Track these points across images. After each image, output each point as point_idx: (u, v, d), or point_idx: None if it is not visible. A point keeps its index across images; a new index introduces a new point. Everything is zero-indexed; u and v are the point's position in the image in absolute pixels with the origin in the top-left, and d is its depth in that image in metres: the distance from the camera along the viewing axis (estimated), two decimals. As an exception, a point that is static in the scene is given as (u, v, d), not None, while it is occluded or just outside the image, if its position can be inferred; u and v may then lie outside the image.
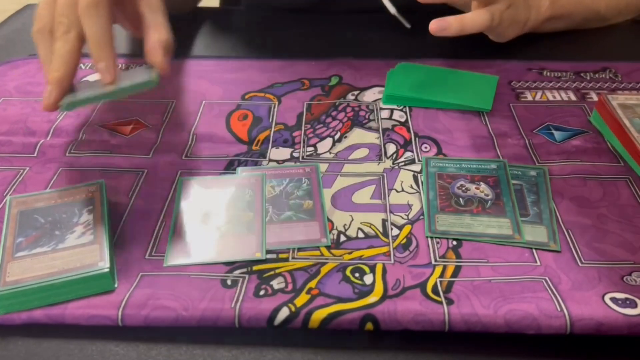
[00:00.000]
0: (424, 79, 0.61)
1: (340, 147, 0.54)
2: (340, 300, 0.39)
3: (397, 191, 0.49)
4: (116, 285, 0.40)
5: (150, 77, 0.46)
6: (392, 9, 0.71)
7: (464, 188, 0.48)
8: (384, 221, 0.46)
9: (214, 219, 0.46)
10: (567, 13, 0.69)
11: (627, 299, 0.39)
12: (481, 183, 0.48)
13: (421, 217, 0.46)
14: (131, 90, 0.46)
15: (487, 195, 0.47)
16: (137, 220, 0.46)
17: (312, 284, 0.40)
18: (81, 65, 0.66)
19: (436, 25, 0.55)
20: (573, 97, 0.60)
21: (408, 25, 0.70)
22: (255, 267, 0.42)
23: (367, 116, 0.58)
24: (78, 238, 0.42)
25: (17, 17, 0.79)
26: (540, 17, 0.67)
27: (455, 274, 0.41)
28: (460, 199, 0.47)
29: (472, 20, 0.57)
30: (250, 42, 0.52)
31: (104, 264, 0.40)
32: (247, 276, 0.41)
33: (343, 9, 0.78)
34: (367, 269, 0.42)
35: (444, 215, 0.46)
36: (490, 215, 0.46)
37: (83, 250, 0.41)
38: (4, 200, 0.47)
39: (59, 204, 0.45)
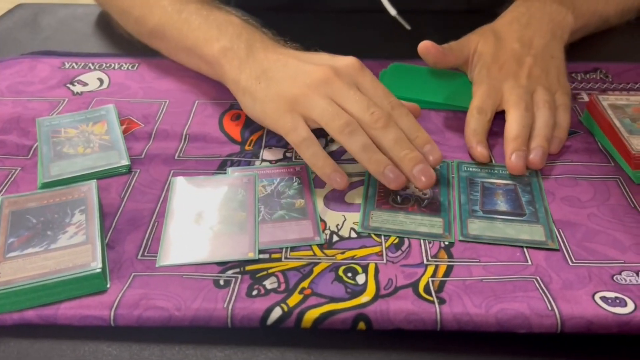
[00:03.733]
0: (416, 79, 0.62)
1: (333, 147, 0.54)
2: (332, 300, 0.39)
3: (390, 191, 0.49)
4: (108, 286, 0.40)
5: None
6: (392, 11, 0.71)
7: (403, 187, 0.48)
8: (377, 221, 0.46)
9: (207, 219, 0.46)
10: (585, 25, 0.67)
11: (617, 298, 0.39)
12: None
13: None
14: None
15: (425, 194, 0.48)
16: (130, 221, 0.46)
17: (305, 283, 0.41)
18: (90, 64, 0.66)
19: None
20: (564, 98, 0.61)
21: (408, 27, 0.70)
22: (248, 267, 0.42)
23: (359, 116, 0.58)
24: (70, 238, 0.42)
25: (9, 17, 0.79)
26: (567, 33, 0.64)
27: (447, 273, 0.41)
28: (398, 197, 0.47)
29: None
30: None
31: (96, 264, 0.40)
32: (239, 276, 0.41)
33: (336, 8, 0.78)
34: (359, 269, 0.42)
35: (379, 212, 0.46)
36: (424, 214, 0.46)
37: (75, 250, 0.41)
38: (-4, 201, 0.47)
39: (51, 204, 0.45)
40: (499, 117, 0.58)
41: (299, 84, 0.48)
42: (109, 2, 0.69)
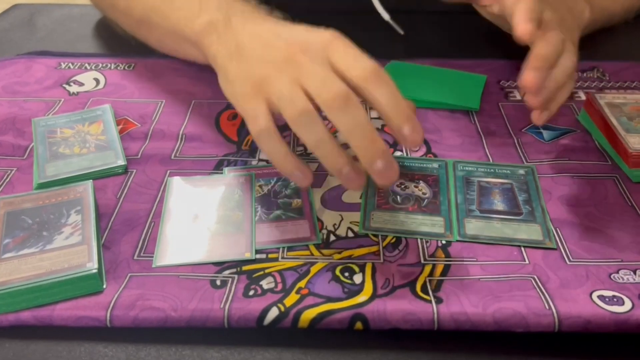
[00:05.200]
0: (413, 78, 0.62)
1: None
2: (329, 299, 0.39)
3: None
4: (104, 286, 0.40)
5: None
6: (385, 16, 0.71)
7: (403, 186, 0.48)
8: (374, 220, 0.46)
9: (203, 219, 0.46)
10: (594, 21, 0.66)
11: (614, 296, 0.39)
12: (420, 181, 0.49)
13: (410, 216, 0.46)
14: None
15: (425, 194, 0.48)
16: (126, 221, 0.46)
17: (302, 283, 0.40)
18: (86, 64, 0.66)
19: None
20: (561, 96, 0.61)
21: (401, 32, 0.70)
22: (244, 267, 0.42)
23: (356, 116, 0.58)
24: (66, 239, 0.42)
25: (4, 17, 0.78)
26: (582, 27, 0.62)
27: (445, 272, 0.41)
28: (398, 197, 0.47)
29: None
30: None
31: (92, 265, 0.40)
32: (236, 276, 0.41)
33: (330, 10, 0.77)
34: (356, 269, 0.42)
35: (379, 212, 0.46)
36: (424, 214, 0.46)
37: (71, 251, 0.41)
38: (-9, 201, 0.47)
39: (46, 205, 0.45)
40: (497, 115, 0.58)
41: (265, 63, 0.43)
42: (100, 0, 0.68)
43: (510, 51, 0.68)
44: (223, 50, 0.47)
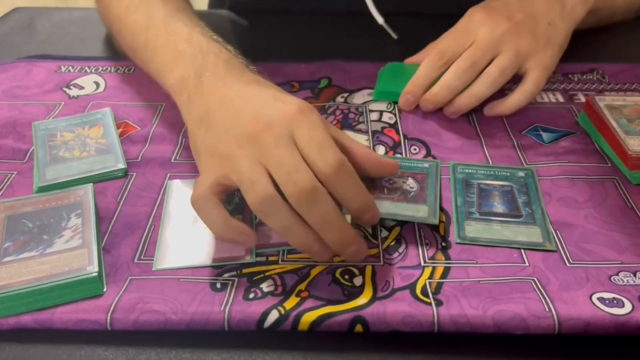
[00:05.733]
0: (410, 78, 0.61)
1: None
2: (329, 302, 0.39)
3: (387, 193, 0.49)
4: (105, 290, 0.40)
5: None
6: (379, 19, 0.71)
7: (390, 181, 0.48)
8: (374, 223, 0.46)
9: (203, 222, 0.45)
10: (595, 10, 0.66)
11: (614, 298, 0.39)
12: (409, 178, 0.49)
13: (410, 218, 0.46)
14: None
15: (412, 187, 0.48)
16: (126, 224, 0.46)
17: (302, 286, 0.40)
18: (86, 68, 0.66)
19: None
20: (561, 99, 0.61)
21: (395, 36, 0.70)
22: (244, 270, 0.42)
23: (356, 118, 0.58)
24: (66, 242, 0.42)
25: (5, 21, 0.78)
26: (589, 4, 0.63)
27: (445, 275, 0.41)
28: (385, 190, 0.47)
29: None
30: (238, 45, 0.52)
31: (92, 268, 0.40)
32: (236, 279, 0.41)
33: (327, 12, 0.77)
34: (356, 271, 0.42)
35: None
36: (409, 202, 0.46)
37: (71, 254, 0.41)
38: (-8, 205, 0.47)
39: (47, 208, 0.45)
40: (496, 118, 0.58)
41: (230, 138, 0.41)
42: (102, 16, 0.68)
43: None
44: (192, 115, 0.45)
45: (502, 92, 0.58)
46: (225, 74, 0.46)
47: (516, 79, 0.58)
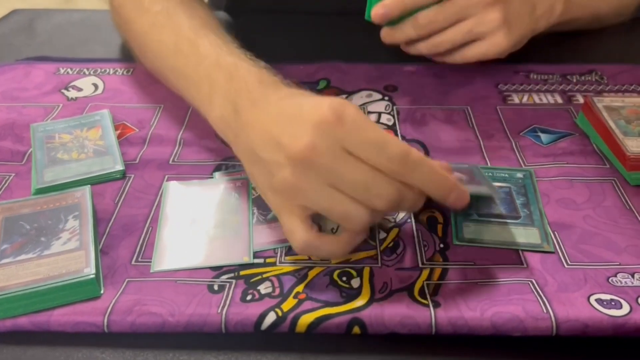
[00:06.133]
0: None
1: None
2: (327, 304, 0.39)
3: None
4: (102, 292, 0.40)
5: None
6: None
7: None
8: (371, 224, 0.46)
9: (200, 224, 0.46)
10: (575, 19, 0.67)
11: (612, 300, 0.39)
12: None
13: (408, 220, 0.46)
14: None
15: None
16: (124, 226, 0.46)
17: (300, 288, 0.40)
18: (84, 70, 0.66)
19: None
20: (559, 100, 0.61)
21: None
22: (242, 272, 0.42)
23: (354, 120, 0.58)
24: (64, 244, 0.42)
25: (4, 22, 0.79)
26: (552, 20, 0.64)
27: (442, 276, 0.41)
28: None
29: None
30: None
31: (90, 270, 0.40)
32: (234, 281, 0.41)
33: (327, 10, 0.77)
34: (354, 273, 0.42)
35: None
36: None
37: (69, 256, 0.41)
38: (-11, 207, 0.47)
39: (44, 210, 0.45)
40: (495, 119, 0.58)
41: (281, 169, 0.39)
42: (119, 28, 0.66)
43: (509, 55, 0.68)
44: (241, 153, 0.44)
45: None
46: (260, 98, 0.44)
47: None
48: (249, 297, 0.40)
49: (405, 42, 0.59)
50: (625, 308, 0.38)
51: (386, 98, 0.62)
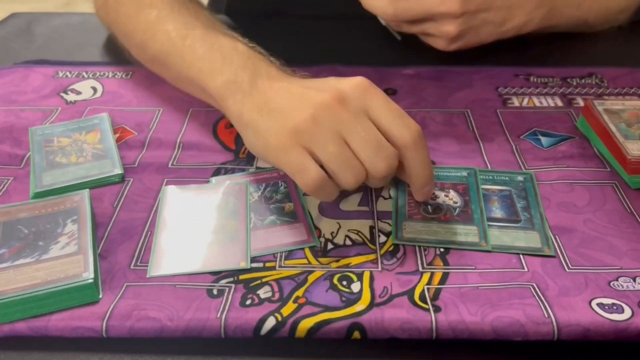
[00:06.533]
0: None
1: None
2: (327, 309, 0.39)
3: (385, 198, 0.49)
4: (100, 296, 0.40)
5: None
6: (383, 21, 0.71)
7: (433, 196, 0.48)
8: (372, 228, 0.46)
9: (198, 228, 0.45)
10: (556, 25, 0.68)
11: (614, 304, 0.39)
12: (450, 190, 0.48)
13: (408, 224, 0.46)
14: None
15: (456, 202, 0.47)
16: (122, 230, 0.45)
17: (299, 292, 0.40)
18: (83, 73, 0.66)
19: None
20: (559, 103, 0.61)
21: (399, 38, 0.70)
22: (241, 277, 0.41)
23: (354, 123, 0.58)
24: (62, 249, 0.41)
25: (2, 26, 0.78)
26: (532, 26, 0.65)
27: (443, 281, 0.41)
28: (429, 207, 0.47)
29: None
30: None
31: (88, 275, 0.39)
32: (233, 285, 0.41)
33: (326, 14, 0.77)
34: (354, 277, 0.41)
35: (411, 222, 0.46)
36: (457, 223, 0.45)
37: (67, 260, 0.40)
38: (-13, 211, 0.47)
39: (43, 214, 0.44)
40: (495, 122, 0.58)
41: (302, 113, 0.42)
42: (114, 24, 0.66)
43: (509, 58, 0.68)
44: (250, 105, 0.45)
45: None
46: (280, 76, 0.48)
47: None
48: (248, 302, 0.39)
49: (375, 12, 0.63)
50: (627, 312, 0.38)
51: (386, 101, 0.61)
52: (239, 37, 0.54)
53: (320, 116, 0.41)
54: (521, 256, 0.43)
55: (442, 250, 0.43)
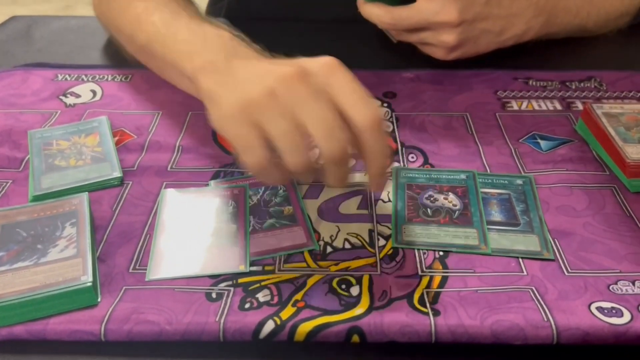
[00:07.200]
0: None
1: None
2: (326, 312, 0.39)
3: (384, 201, 0.49)
4: (99, 300, 0.40)
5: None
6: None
7: (432, 198, 0.48)
8: (371, 232, 0.46)
9: (197, 232, 0.45)
10: (555, 33, 0.69)
11: (613, 308, 0.38)
12: (450, 193, 0.48)
13: (408, 227, 0.46)
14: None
15: (455, 205, 0.47)
16: (121, 233, 0.45)
17: (298, 296, 0.40)
18: (83, 76, 0.66)
19: None
20: (558, 106, 0.61)
21: (395, 40, 0.70)
22: (240, 280, 0.41)
23: (353, 126, 0.58)
24: (61, 252, 0.41)
25: (2, 29, 0.78)
26: (531, 34, 0.66)
27: (442, 284, 0.41)
28: (428, 210, 0.47)
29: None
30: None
31: (87, 278, 0.39)
32: (232, 289, 0.41)
33: (325, 18, 0.77)
34: (353, 281, 0.41)
35: (411, 225, 0.46)
36: (457, 226, 0.45)
37: (65, 264, 0.40)
38: (-14, 214, 0.47)
39: (41, 217, 0.44)
40: (494, 125, 0.58)
41: (260, 85, 0.40)
42: (108, 20, 0.67)
43: (508, 62, 0.68)
44: (218, 79, 0.44)
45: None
46: (257, 58, 0.46)
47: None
48: (247, 305, 0.39)
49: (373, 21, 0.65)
50: (627, 316, 0.38)
51: (385, 105, 0.61)
52: (225, 26, 0.53)
53: (277, 89, 0.39)
54: (520, 260, 0.43)
55: (441, 253, 0.43)
